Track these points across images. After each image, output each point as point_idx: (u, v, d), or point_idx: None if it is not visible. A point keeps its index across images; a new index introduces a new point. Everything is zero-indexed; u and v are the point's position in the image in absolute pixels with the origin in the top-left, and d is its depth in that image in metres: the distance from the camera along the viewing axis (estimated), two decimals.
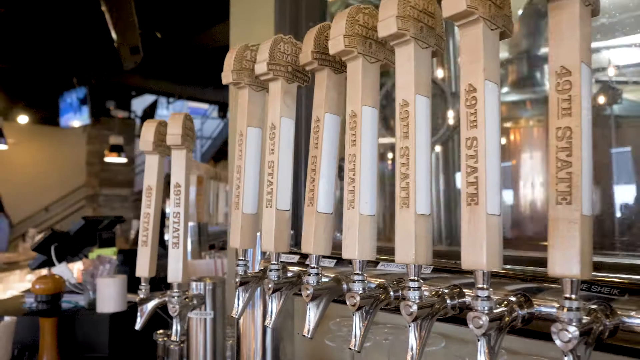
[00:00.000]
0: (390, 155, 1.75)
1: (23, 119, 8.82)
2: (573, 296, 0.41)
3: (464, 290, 0.61)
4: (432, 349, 0.81)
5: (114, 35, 2.00)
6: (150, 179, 0.95)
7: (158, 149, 0.93)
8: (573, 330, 0.41)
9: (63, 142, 8.83)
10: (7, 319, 1.09)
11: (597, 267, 0.53)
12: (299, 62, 0.68)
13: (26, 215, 8.82)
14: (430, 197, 0.53)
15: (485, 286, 0.47)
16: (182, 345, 1.09)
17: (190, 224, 2.02)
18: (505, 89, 2.32)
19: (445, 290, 0.59)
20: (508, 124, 1.93)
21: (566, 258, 0.41)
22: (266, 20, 1.32)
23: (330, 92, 0.65)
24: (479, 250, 0.46)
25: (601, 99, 1.24)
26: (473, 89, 0.48)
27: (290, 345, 0.94)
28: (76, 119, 7.57)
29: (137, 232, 1.62)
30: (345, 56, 0.60)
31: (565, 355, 0.41)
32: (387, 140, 1.67)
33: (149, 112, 7.57)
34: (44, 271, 1.28)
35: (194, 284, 0.99)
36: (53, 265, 1.37)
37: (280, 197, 0.69)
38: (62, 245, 1.40)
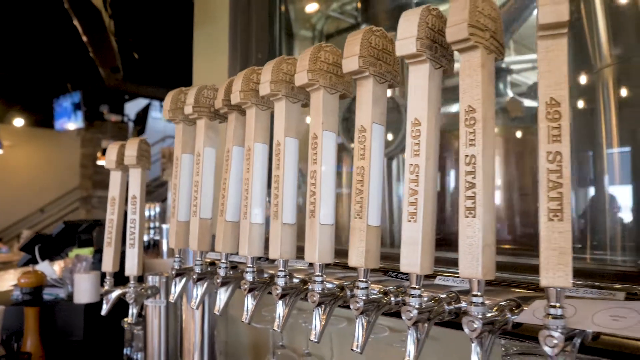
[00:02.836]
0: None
1: (19, 121, 9.01)
2: (363, 279, 0.62)
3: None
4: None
5: (92, 56, 2.18)
6: (114, 191, 1.15)
7: (120, 167, 1.13)
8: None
9: (58, 145, 9.03)
10: None
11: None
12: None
13: (22, 216, 9.01)
14: (295, 211, 0.74)
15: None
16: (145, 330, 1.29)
17: (167, 226, 2.22)
18: None
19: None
20: None
21: (358, 254, 0.61)
22: (222, 52, 1.53)
23: (238, 130, 0.86)
24: (313, 250, 0.66)
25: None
26: (315, 137, 0.69)
27: (224, 327, 1.15)
28: (71, 123, 7.77)
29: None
30: (243, 105, 0.81)
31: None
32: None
33: (142, 116, 7.77)
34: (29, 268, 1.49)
35: (150, 277, 1.19)
36: (37, 263, 1.57)
37: (203, 208, 0.90)
38: (45, 246, 1.60)
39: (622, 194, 1.21)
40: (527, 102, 2.35)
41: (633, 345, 0.48)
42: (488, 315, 0.51)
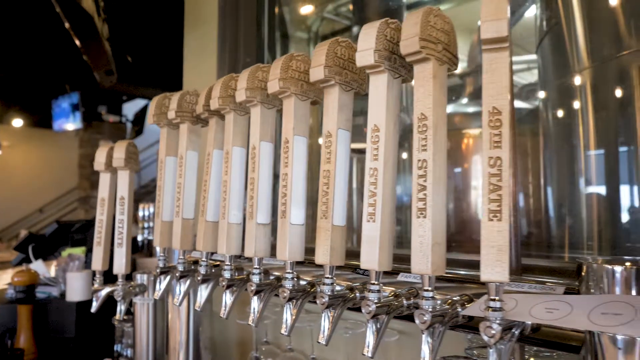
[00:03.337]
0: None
1: (17, 122, 9.05)
2: (329, 276, 0.66)
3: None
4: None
5: (86, 59, 2.22)
6: (103, 192, 1.19)
7: (109, 169, 1.17)
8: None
9: (56, 145, 9.07)
10: None
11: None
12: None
13: (21, 216, 9.05)
14: (269, 211, 0.78)
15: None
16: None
17: None
18: (464, 100, 2.57)
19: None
20: (463, 132, 2.17)
21: (323, 252, 0.65)
22: (211, 56, 1.57)
23: (218, 134, 0.90)
24: (284, 248, 0.70)
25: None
26: (287, 141, 0.73)
27: (209, 324, 1.19)
28: (69, 123, 7.81)
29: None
30: (221, 111, 0.85)
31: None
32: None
33: (140, 116, 7.80)
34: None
35: (138, 275, 1.23)
36: (31, 262, 1.61)
37: (186, 209, 0.94)
38: (39, 245, 1.64)
39: (598, 194, 1.25)
40: (518, 104, 2.37)
41: (567, 335, 0.52)
42: (438, 308, 0.55)
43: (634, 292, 0.49)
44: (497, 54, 0.52)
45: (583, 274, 0.53)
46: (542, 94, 1.61)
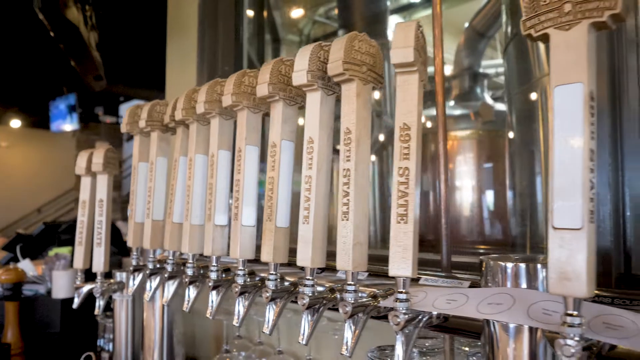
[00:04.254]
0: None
1: (16, 123, 9.14)
2: (273, 272, 0.73)
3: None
4: None
5: (74, 65, 2.29)
6: (84, 195, 1.26)
7: (90, 173, 1.24)
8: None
9: (54, 146, 9.15)
10: None
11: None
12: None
13: (19, 216, 9.12)
14: (226, 214, 0.85)
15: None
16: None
17: None
18: (451, 103, 2.63)
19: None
20: (452, 134, 2.24)
21: (268, 251, 0.73)
22: (191, 63, 1.64)
23: (184, 142, 0.97)
24: (235, 247, 0.78)
25: None
26: (239, 150, 0.80)
27: (180, 318, 1.27)
28: (66, 124, 7.89)
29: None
30: (185, 121, 0.92)
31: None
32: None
33: None
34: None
35: (117, 273, 1.30)
36: (18, 261, 1.69)
37: (155, 210, 1.01)
38: (27, 245, 1.72)
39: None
40: (502, 106, 2.44)
41: (469, 324, 0.59)
42: (359, 300, 0.63)
43: (523, 285, 0.57)
44: (407, 76, 0.60)
45: (483, 269, 0.60)
46: (507, 99, 1.68)
